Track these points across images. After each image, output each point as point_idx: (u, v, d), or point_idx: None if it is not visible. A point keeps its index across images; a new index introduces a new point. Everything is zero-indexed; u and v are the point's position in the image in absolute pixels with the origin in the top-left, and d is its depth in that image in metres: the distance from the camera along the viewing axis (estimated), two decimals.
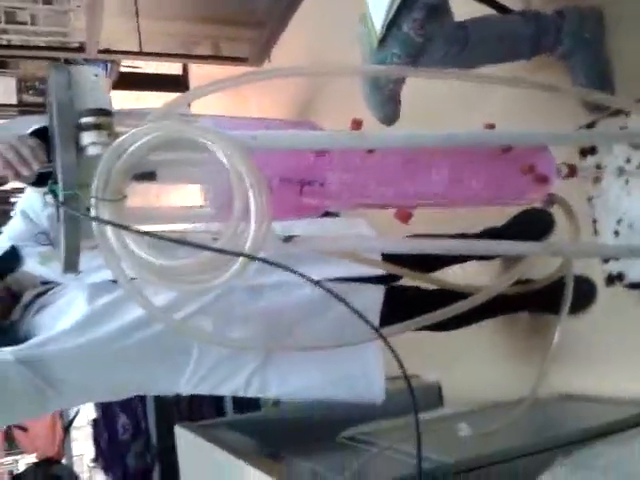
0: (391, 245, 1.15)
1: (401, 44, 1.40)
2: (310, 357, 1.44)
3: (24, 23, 5.64)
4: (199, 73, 4.67)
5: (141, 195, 0.94)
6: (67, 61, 4.26)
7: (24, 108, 6.29)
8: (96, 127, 0.79)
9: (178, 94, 3.43)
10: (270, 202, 0.82)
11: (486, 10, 1.70)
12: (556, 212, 1.48)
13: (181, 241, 0.75)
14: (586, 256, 1.43)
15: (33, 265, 1.39)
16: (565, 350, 1.48)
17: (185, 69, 4.78)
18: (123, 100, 4.81)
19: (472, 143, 1.12)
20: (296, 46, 3.43)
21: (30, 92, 6.69)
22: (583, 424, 1.36)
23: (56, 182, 0.82)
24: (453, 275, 1.96)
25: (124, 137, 0.77)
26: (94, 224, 0.78)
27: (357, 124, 1.11)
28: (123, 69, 4.52)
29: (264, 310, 1.43)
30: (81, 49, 3.16)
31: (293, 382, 1.48)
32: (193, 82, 4.83)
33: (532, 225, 1.82)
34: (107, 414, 2.59)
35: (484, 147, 1.17)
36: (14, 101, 6.45)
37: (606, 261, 1.59)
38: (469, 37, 1.49)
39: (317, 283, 0.77)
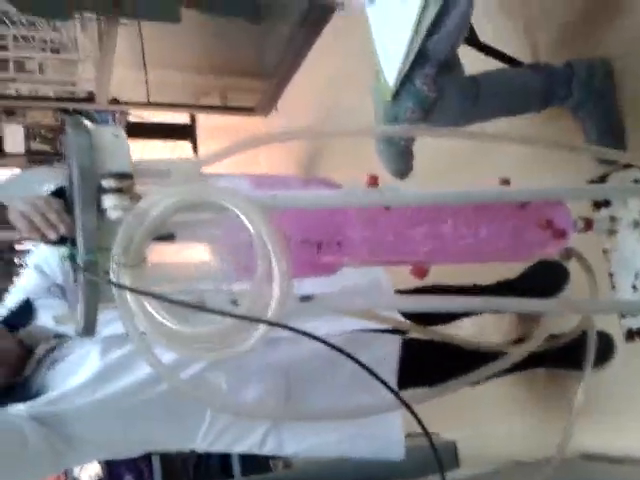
0: (407, 303, 1.13)
1: (414, 99, 1.41)
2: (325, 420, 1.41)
3: (32, 72, 5.74)
4: (206, 122, 4.73)
5: (158, 252, 0.93)
6: (76, 111, 4.32)
7: (32, 157, 6.35)
8: (117, 190, 0.78)
9: (185, 142, 3.47)
10: (291, 265, 0.81)
11: (496, 63, 1.73)
12: (572, 265, 1.46)
13: (203, 308, 0.73)
14: (606, 313, 1.40)
15: (46, 318, 1.38)
16: (585, 406, 1.44)
17: (193, 118, 4.84)
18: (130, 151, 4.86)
19: (490, 200, 1.11)
20: (302, 96, 3.48)
21: (37, 140, 6.77)
22: None
23: (75, 245, 0.80)
24: (463, 325, 1.94)
25: (146, 202, 0.76)
26: (114, 289, 0.77)
27: (373, 180, 1.10)
28: (131, 118, 4.58)
29: (280, 363, 1.41)
30: (90, 99, 3.20)
31: (309, 439, 1.45)
32: (200, 131, 4.89)
33: (547, 277, 1.80)
34: (112, 474, 2.52)
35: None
36: (22, 149, 6.52)
37: (624, 316, 1.56)
38: (481, 91, 1.51)
39: (326, 343, 0.75)
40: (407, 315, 1.47)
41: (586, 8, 1.73)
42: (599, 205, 1.61)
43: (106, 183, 0.78)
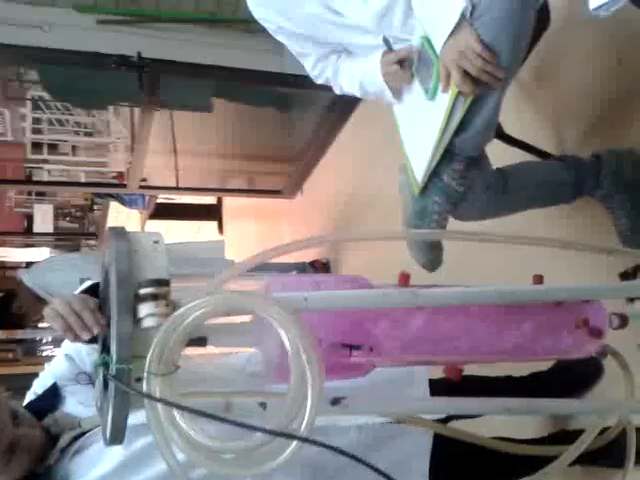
0: (440, 407, 1.09)
1: (442, 193, 1.42)
2: None
3: (65, 154, 5.94)
4: (232, 202, 4.82)
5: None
6: (108, 194, 4.45)
7: (60, 236, 6.51)
8: (154, 298, 0.78)
9: (212, 222, 3.52)
10: (324, 374, 0.79)
11: (523, 156, 1.75)
12: (607, 360, 1.42)
13: (229, 421, 0.72)
14: None
15: (73, 405, 1.36)
16: None
17: (219, 198, 4.94)
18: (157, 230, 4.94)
19: (525, 300, 1.09)
20: (329, 179, 3.55)
21: (67, 219, 6.96)
22: None
23: (108, 352, 0.80)
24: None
25: (183, 310, 0.76)
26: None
27: (405, 278, 1.10)
28: (159, 199, 4.70)
29: (306, 457, 1.36)
30: (121, 185, 3.29)
31: None
32: (226, 211, 4.98)
33: (581, 372, 1.75)
34: None
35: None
36: (51, 229, 6.69)
37: None
38: (508, 184, 1.51)
39: (347, 455, 0.72)
40: None
41: (612, 100, 1.75)
42: (633, 298, 1.57)
43: (143, 291, 0.78)
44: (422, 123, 1.40)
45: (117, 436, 0.82)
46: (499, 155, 1.57)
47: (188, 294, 0.81)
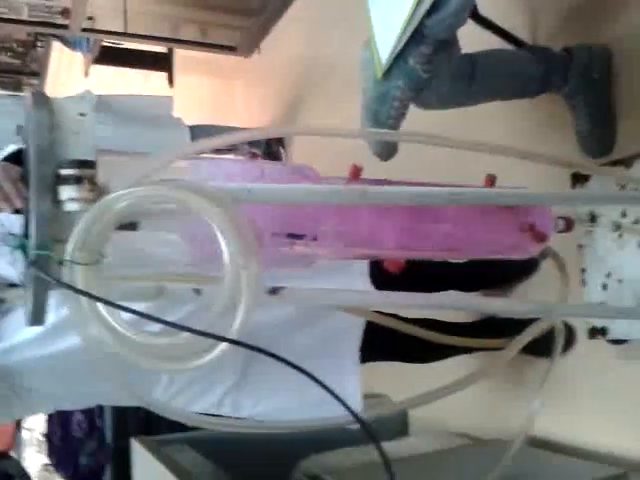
0: (375, 300, 1.09)
1: (406, 77, 1.33)
2: (286, 379, 1.39)
3: None
4: (184, 54, 4.53)
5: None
6: (53, 35, 4.07)
7: (1, 72, 6.06)
8: (77, 181, 0.71)
9: (161, 73, 3.30)
10: (262, 270, 0.76)
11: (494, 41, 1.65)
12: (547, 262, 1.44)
13: (160, 320, 0.68)
14: (576, 316, 1.39)
15: (2, 265, 1.31)
16: (545, 396, 1.45)
17: (170, 48, 4.62)
18: (101, 76, 4.63)
19: (476, 201, 1.06)
20: (288, 39, 3.34)
21: (8, 54, 6.44)
22: None
23: (27, 235, 0.74)
24: None
25: (108, 198, 0.69)
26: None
27: (356, 172, 1.05)
28: (106, 43, 4.35)
29: None
30: (64, 25, 3.01)
31: (267, 403, 1.44)
32: (177, 62, 4.69)
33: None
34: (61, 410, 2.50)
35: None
36: None
37: None
38: (476, 73, 1.44)
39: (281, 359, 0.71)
40: None
41: None
42: None
43: (65, 172, 0.71)
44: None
45: (37, 319, 0.78)
46: (470, 38, 1.47)
47: (117, 179, 0.74)
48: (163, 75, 4.74)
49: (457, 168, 1.74)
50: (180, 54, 4.55)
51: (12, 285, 1.36)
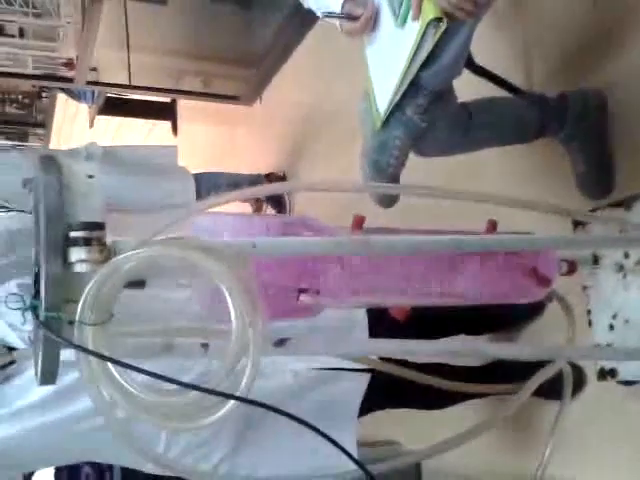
0: (380, 348, 1.10)
1: (404, 127, 1.36)
2: (283, 445, 1.40)
3: (11, 36, 5.53)
4: (188, 104, 4.62)
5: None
6: (59, 87, 4.15)
7: (7, 123, 6.19)
8: (86, 242, 0.72)
9: (165, 122, 3.34)
10: (267, 312, 0.77)
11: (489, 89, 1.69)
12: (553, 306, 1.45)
13: (168, 379, 0.69)
14: (584, 359, 1.39)
15: (2, 327, 1.32)
16: (556, 440, 1.44)
17: (173, 98, 4.72)
18: (106, 127, 4.72)
19: (477, 248, 1.08)
20: (289, 88, 3.41)
21: (13, 105, 6.59)
22: None
23: (37, 294, 0.75)
24: None
25: (116, 260, 0.71)
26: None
27: (359, 222, 1.07)
28: (110, 94, 4.45)
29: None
30: (69, 79, 3.08)
31: (264, 470, 1.43)
32: (181, 111, 4.78)
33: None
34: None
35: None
36: None
37: None
38: (473, 121, 1.47)
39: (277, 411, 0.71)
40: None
41: (584, 38, 1.69)
42: None
43: (75, 234, 0.72)
44: (389, 52, 1.32)
45: (48, 379, 0.78)
46: (466, 86, 1.51)
47: (124, 241, 0.76)
48: (167, 124, 4.83)
49: (459, 213, 1.76)
50: (183, 103, 4.64)
51: (11, 348, 1.37)
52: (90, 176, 0.79)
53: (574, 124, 1.60)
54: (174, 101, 4.75)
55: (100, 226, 0.74)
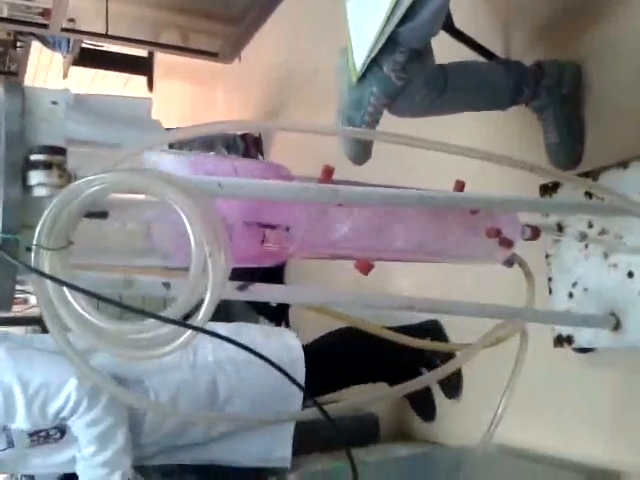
0: (345, 299, 1.11)
1: (380, 84, 1.35)
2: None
3: None
4: (165, 58, 4.53)
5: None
6: (31, 33, 4.04)
7: None
8: (46, 166, 0.71)
9: (141, 77, 3.29)
10: (230, 259, 0.77)
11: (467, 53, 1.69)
12: (515, 271, 1.47)
13: (126, 306, 0.69)
14: (542, 322, 1.42)
15: None
16: (509, 402, 1.48)
17: (150, 53, 4.62)
18: (80, 79, 4.61)
19: (443, 205, 1.08)
20: (268, 47, 3.36)
21: None
22: None
23: None
24: None
25: (77, 184, 0.69)
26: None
27: (328, 173, 1.06)
28: (86, 45, 4.34)
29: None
30: (44, 25, 2.99)
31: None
32: (158, 67, 4.69)
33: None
34: None
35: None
36: None
37: None
38: (449, 82, 1.46)
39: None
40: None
41: (563, 10, 1.70)
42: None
43: (35, 157, 0.71)
44: (369, 6, 1.31)
45: (3, 305, 0.78)
46: (444, 50, 1.51)
47: (88, 165, 0.75)
48: (143, 79, 4.74)
49: (428, 177, 1.77)
50: (160, 59, 4.56)
51: None
52: (54, 102, 0.78)
53: (548, 92, 1.61)
54: (151, 56, 4.66)
55: (61, 151, 0.73)
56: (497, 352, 1.28)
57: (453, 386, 1.98)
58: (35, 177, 0.71)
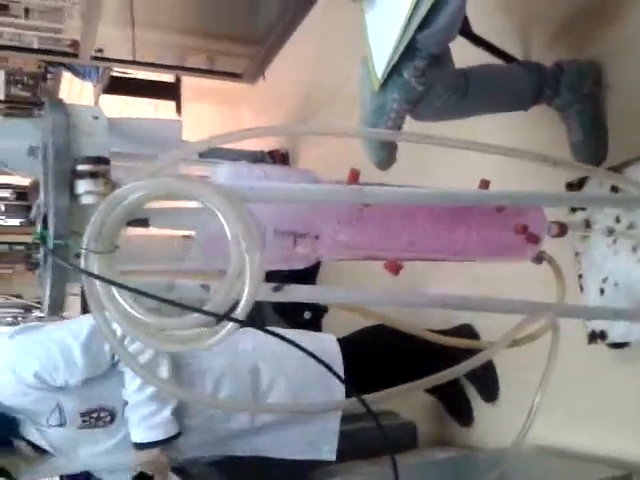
0: (383, 299, 1.13)
1: (401, 90, 1.39)
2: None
3: (18, 17, 5.55)
4: (192, 82, 4.65)
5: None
6: (60, 62, 4.20)
7: (12, 104, 6.21)
8: (92, 175, 0.77)
9: (169, 102, 3.38)
10: (263, 260, 0.81)
11: (487, 57, 1.72)
12: (544, 267, 1.49)
13: (171, 302, 0.73)
14: (573, 317, 1.43)
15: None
16: (545, 403, 1.48)
17: (178, 77, 4.75)
18: (111, 106, 4.75)
19: (467, 203, 1.11)
20: (292, 66, 3.43)
21: (19, 86, 6.60)
22: None
23: (46, 227, 0.79)
24: None
25: (121, 190, 0.75)
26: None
27: (354, 175, 1.10)
28: (115, 73, 4.48)
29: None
30: (74, 54, 3.11)
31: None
32: (185, 91, 4.81)
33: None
34: None
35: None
36: (2, 96, 6.37)
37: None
38: (469, 86, 1.49)
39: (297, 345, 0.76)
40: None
41: (581, 10, 1.72)
42: (575, 208, 1.62)
43: (81, 167, 0.76)
44: (387, 16, 1.35)
45: (55, 308, 0.83)
46: (464, 55, 1.54)
47: (129, 175, 0.80)
48: (171, 104, 4.86)
49: (454, 180, 1.80)
50: (187, 83, 4.67)
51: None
52: (95, 117, 0.83)
53: (569, 92, 1.63)
54: (178, 81, 4.78)
55: (105, 161, 0.78)
56: (533, 355, 1.29)
57: (490, 389, 1.99)
58: (82, 186, 0.76)
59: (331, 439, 1.70)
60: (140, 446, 1.54)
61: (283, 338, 0.73)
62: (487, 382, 1.96)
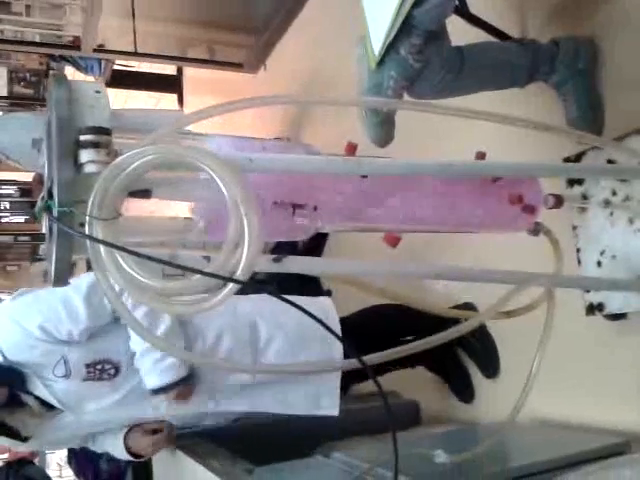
0: (382, 270, 1.16)
1: (398, 67, 1.41)
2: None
3: (19, 14, 5.58)
4: (193, 75, 4.67)
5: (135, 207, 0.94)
6: (62, 57, 4.23)
7: (15, 100, 6.25)
8: (95, 145, 0.79)
9: (171, 95, 3.41)
10: (262, 226, 0.83)
11: (483, 35, 1.74)
12: (541, 239, 1.50)
13: (172, 263, 0.76)
14: (570, 287, 1.45)
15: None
16: (542, 375, 1.50)
17: (179, 70, 4.78)
18: (113, 99, 4.78)
19: (466, 174, 1.14)
20: (292, 55, 3.45)
21: (22, 84, 6.63)
22: (556, 453, 1.38)
23: (51, 197, 0.82)
24: None
25: (123, 158, 0.77)
26: (87, 241, 0.79)
27: (352, 148, 1.12)
28: (117, 67, 4.51)
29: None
30: (76, 46, 3.14)
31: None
32: (187, 83, 4.83)
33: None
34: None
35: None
36: (5, 92, 6.40)
37: (587, 290, 1.61)
38: (466, 63, 1.51)
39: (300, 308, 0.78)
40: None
41: None
42: (572, 182, 1.64)
43: (84, 137, 0.79)
44: None
45: (61, 277, 0.85)
46: (459, 33, 1.56)
47: (130, 145, 0.82)
48: (173, 97, 4.89)
49: (451, 154, 1.82)
50: (189, 76, 4.70)
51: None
52: (97, 91, 0.86)
53: (566, 69, 1.64)
54: (180, 73, 4.81)
55: (107, 131, 0.81)
56: (534, 332, 1.30)
57: (491, 366, 2.01)
58: (85, 155, 0.79)
59: (332, 393, 1.73)
60: (155, 391, 1.59)
61: (282, 298, 0.76)
62: (488, 359, 1.98)
